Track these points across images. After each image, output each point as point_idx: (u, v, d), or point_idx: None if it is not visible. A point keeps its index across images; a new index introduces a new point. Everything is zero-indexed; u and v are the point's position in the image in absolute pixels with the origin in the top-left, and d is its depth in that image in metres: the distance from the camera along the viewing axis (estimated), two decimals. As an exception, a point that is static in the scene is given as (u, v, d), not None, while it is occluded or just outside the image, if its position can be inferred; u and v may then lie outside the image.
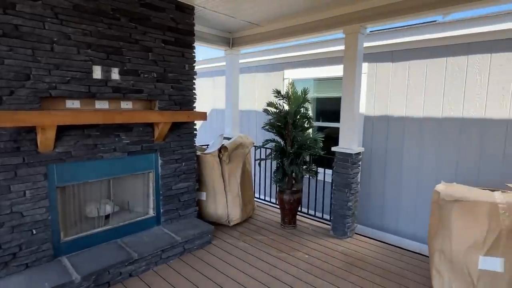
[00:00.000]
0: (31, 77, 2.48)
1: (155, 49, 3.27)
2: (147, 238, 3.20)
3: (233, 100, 5.07)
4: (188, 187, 3.75)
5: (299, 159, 3.79)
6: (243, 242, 3.61)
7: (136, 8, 3.07)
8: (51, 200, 2.67)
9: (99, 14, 2.82)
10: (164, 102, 3.39)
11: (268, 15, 3.88)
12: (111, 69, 2.95)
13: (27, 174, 2.52)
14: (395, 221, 4.53)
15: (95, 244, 3.01)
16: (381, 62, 4.44)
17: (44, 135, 2.47)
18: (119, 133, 3.08)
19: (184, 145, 3.65)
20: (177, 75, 3.49)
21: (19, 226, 2.51)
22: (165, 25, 3.32)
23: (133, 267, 2.86)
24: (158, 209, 3.50)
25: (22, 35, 2.42)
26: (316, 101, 5.57)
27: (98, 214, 3.17)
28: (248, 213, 4.28)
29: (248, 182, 4.31)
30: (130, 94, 3.11)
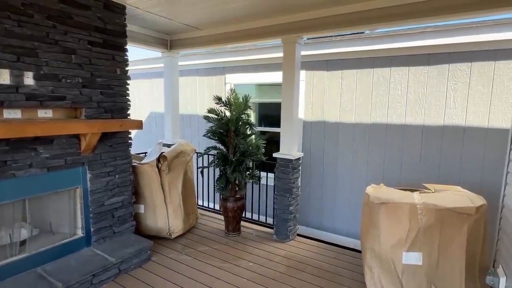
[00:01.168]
0: None
1: (80, 51, 2.93)
2: (74, 263, 2.87)
3: (172, 104, 4.85)
4: (123, 201, 3.46)
5: (241, 166, 3.78)
6: (186, 255, 3.47)
7: (55, 5, 2.71)
8: None
9: (4, 9, 2.41)
10: (92, 110, 3.06)
11: (207, 19, 3.78)
12: (23, 73, 2.56)
13: None
14: (332, 220, 4.82)
15: (9, 275, 2.58)
16: (317, 70, 4.67)
17: None
18: (36, 147, 2.69)
19: (118, 156, 3.36)
20: (107, 80, 3.19)
21: None
22: (91, 24, 3.00)
23: (57, 299, 2.53)
24: (88, 228, 3.16)
25: None
26: (258, 106, 5.63)
27: (11, 241, 2.73)
28: (191, 223, 4.14)
29: (190, 191, 4.16)
30: (49, 102, 2.73)
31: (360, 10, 3.11)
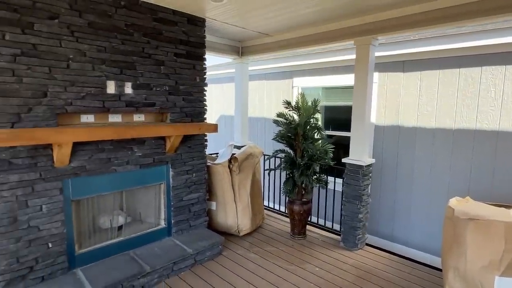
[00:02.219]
0: (47, 94, 2.54)
1: (167, 62, 3.31)
2: (158, 250, 3.24)
3: (242, 108, 5.09)
4: (199, 198, 3.78)
5: (309, 170, 3.78)
6: (254, 254, 3.61)
7: (149, 23, 3.11)
8: (66, 214, 2.73)
9: (113, 30, 2.87)
10: (175, 114, 3.42)
11: (278, 26, 3.89)
12: (124, 83, 3.00)
13: (43, 189, 2.57)
14: (405, 231, 4.48)
15: (108, 255, 3.05)
16: (392, 71, 4.41)
17: (60, 151, 2.52)
18: (132, 146, 3.12)
19: (195, 156, 3.68)
20: (188, 87, 3.52)
21: (36, 240, 2.57)
22: (177, 38, 3.36)
23: (146, 280, 2.90)
24: (169, 220, 3.53)
25: (40, 53, 2.47)
26: (324, 109, 5.55)
27: (111, 226, 3.22)
28: (258, 223, 4.29)
29: (257, 192, 4.32)
30: (142, 108, 3.15)
31: (444, 7, 2.85)
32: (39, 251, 2.58)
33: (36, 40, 2.45)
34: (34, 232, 2.55)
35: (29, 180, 2.49)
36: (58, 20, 2.55)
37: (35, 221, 2.54)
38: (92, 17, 2.72)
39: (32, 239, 2.54)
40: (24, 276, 2.52)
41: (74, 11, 2.62)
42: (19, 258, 2.48)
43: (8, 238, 2.42)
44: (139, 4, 3.01)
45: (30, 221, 2.52)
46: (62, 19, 2.56)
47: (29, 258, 2.54)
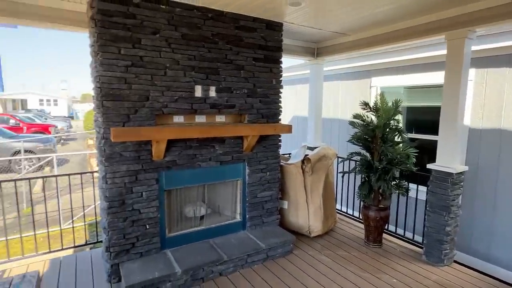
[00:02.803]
0: (149, 98, 2.99)
1: (247, 66, 3.53)
2: (234, 241, 3.48)
3: (316, 110, 5.07)
4: (272, 196, 3.92)
5: (388, 175, 3.57)
6: (325, 256, 3.58)
7: (232, 31, 3.37)
8: (160, 201, 3.16)
9: (201, 40, 3.20)
10: (252, 116, 3.63)
11: (356, 24, 3.77)
12: (209, 87, 3.32)
13: (144, 178, 3.03)
14: (505, 251, 3.84)
15: (191, 241, 3.41)
16: (493, 67, 3.84)
17: (157, 147, 2.94)
18: (214, 145, 3.43)
19: (269, 155, 3.84)
20: (265, 90, 3.69)
21: (137, 221, 3.04)
22: (256, 43, 3.56)
23: (223, 267, 3.16)
24: (244, 214, 3.76)
25: (145, 64, 2.93)
26: (406, 110, 5.13)
27: (194, 215, 3.59)
28: (330, 225, 4.23)
29: (330, 194, 4.25)
30: (224, 109, 3.43)
31: None
32: (139, 231, 3.05)
33: (142, 53, 2.91)
34: (136, 215, 3.03)
35: (134, 170, 2.97)
36: (159, 34, 2.97)
37: (137, 205, 3.02)
38: (185, 29, 3.10)
39: (135, 220, 3.02)
40: (128, 250, 3.02)
41: (171, 26, 3.02)
42: (125, 235, 2.98)
43: (118, 217, 2.93)
44: (224, 15, 3.29)
45: (134, 205, 3.00)
46: (162, 33, 2.98)
47: (132, 236, 3.02)
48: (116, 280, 2.98)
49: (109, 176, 2.84)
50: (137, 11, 2.83)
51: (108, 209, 2.87)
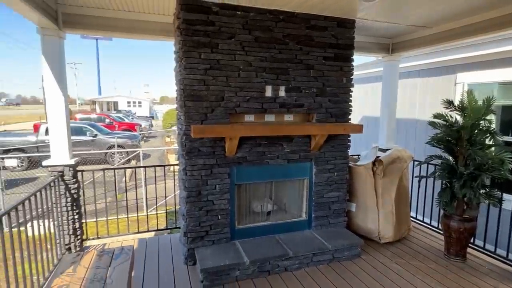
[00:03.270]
0: (224, 98, 3.22)
1: (316, 66, 3.53)
2: (299, 239, 3.52)
3: (389, 110, 4.77)
4: (339, 197, 3.84)
5: (475, 182, 3.18)
6: (397, 265, 3.37)
7: (302, 31, 3.41)
8: (231, 194, 3.38)
9: (272, 42, 3.32)
10: (321, 115, 3.61)
11: (439, 15, 3.45)
12: (279, 87, 3.42)
13: (218, 172, 3.28)
14: None
15: (258, 235, 3.56)
16: None
17: (230, 143, 3.16)
18: (282, 143, 3.52)
19: (337, 156, 3.77)
20: (335, 89, 3.64)
21: (211, 211, 3.31)
22: (327, 42, 3.53)
23: (288, 263, 3.22)
24: (310, 214, 3.76)
25: (221, 66, 3.17)
26: (501, 110, 4.47)
27: (261, 210, 3.74)
28: (402, 233, 3.95)
29: (404, 199, 3.97)
30: (293, 109, 3.49)
31: None
32: (212, 220, 3.32)
33: (219, 56, 3.16)
34: (210, 205, 3.30)
35: (209, 164, 3.24)
36: (234, 38, 3.19)
37: (211, 196, 3.29)
38: (257, 32, 3.25)
39: (209, 210, 3.30)
40: (202, 237, 3.31)
41: (245, 30, 3.20)
42: (200, 223, 3.27)
43: (195, 206, 3.23)
44: (295, 16, 3.35)
45: (208, 196, 3.28)
46: (237, 37, 3.19)
47: (206, 224, 3.30)
48: (192, 263, 3.30)
49: (188, 169, 3.16)
50: (216, 19, 3.09)
51: (187, 198, 3.19)
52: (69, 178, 3.41)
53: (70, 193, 3.43)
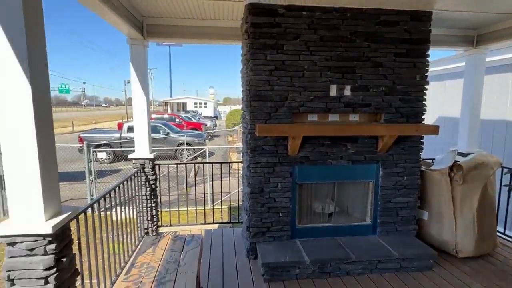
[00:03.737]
0: (288, 98, 3.27)
1: (386, 63, 3.35)
2: (362, 244, 3.38)
3: (472, 109, 4.26)
4: (408, 203, 3.57)
5: None
6: (480, 284, 2.99)
7: (371, 28, 3.27)
8: (292, 193, 3.41)
9: (338, 40, 3.26)
10: (390, 115, 3.41)
11: (542, -1, 2.96)
12: (344, 86, 3.34)
13: (280, 170, 3.35)
14: None
15: (319, 236, 3.53)
16: None
17: (293, 142, 3.20)
18: (346, 143, 3.42)
19: (408, 158, 3.51)
20: (406, 87, 3.40)
21: (272, 208, 3.40)
22: (398, 38, 3.32)
23: (350, 267, 3.13)
24: (375, 218, 3.58)
25: (286, 67, 3.23)
26: None
27: (323, 211, 3.69)
28: (486, 249, 3.49)
29: (489, 211, 3.50)
30: (358, 108, 3.37)
31: None
32: (273, 217, 3.40)
33: (284, 57, 3.22)
34: (272, 202, 3.39)
35: (272, 163, 3.33)
36: (299, 39, 3.21)
37: (273, 194, 3.37)
38: (323, 31, 3.23)
39: (270, 207, 3.39)
40: (264, 233, 3.41)
41: (311, 30, 3.21)
42: (262, 219, 3.38)
43: (257, 202, 3.36)
44: (363, 12, 3.23)
45: (270, 193, 3.37)
46: (302, 37, 3.21)
47: (268, 221, 3.40)
48: (253, 257, 3.43)
49: (252, 166, 3.30)
50: (282, 20, 3.15)
51: (250, 194, 3.33)
52: (149, 170, 3.85)
53: (149, 183, 3.87)
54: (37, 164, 1.54)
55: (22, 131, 1.50)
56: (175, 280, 2.06)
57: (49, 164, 1.63)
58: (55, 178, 1.70)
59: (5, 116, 1.49)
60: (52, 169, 1.65)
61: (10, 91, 1.48)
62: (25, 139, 1.51)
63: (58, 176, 1.74)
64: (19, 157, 1.53)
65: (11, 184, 1.55)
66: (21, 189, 1.55)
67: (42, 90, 1.56)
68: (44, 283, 1.58)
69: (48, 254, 1.58)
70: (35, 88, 1.50)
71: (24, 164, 1.53)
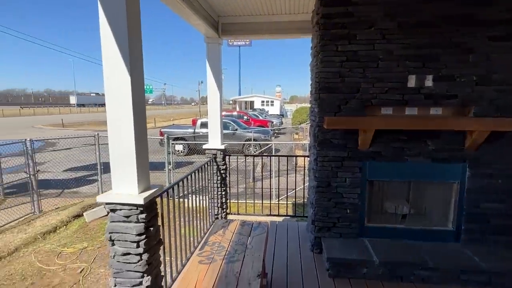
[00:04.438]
0: (359, 90, 3.13)
1: (478, 48, 2.95)
2: (442, 251, 3.05)
3: None
4: (503, 210, 3.09)
5: None
6: None
7: (459, 10, 2.92)
8: (361, 190, 3.27)
9: (420, 26, 2.98)
10: (481, 107, 3.00)
11: None
12: (425, 76, 3.04)
13: (349, 165, 3.24)
14: None
15: (390, 237, 3.30)
16: None
17: (364, 136, 3.06)
18: (426, 139, 3.12)
19: (504, 159, 3.03)
20: (504, 76, 2.94)
21: (339, 204, 3.31)
22: (495, 19, 2.89)
23: (427, 274, 2.86)
24: (459, 224, 3.19)
25: (358, 57, 3.10)
26: None
27: (395, 212, 3.44)
28: None
29: None
30: (441, 100, 3.05)
31: None
32: (340, 213, 3.31)
33: (357, 47, 3.09)
34: (339, 198, 3.30)
35: (340, 157, 3.24)
36: (374, 27, 3.04)
37: (340, 189, 3.28)
38: (401, 18, 2.99)
39: (337, 202, 3.31)
40: (329, 228, 3.35)
41: (387, 17, 3.01)
42: (328, 214, 3.32)
43: (324, 196, 3.31)
44: (451, -8, 2.90)
45: (338, 188, 3.29)
46: (377, 25, 3.03)
47: (334, 216, 3.33)
48: (318, 251, 3.40)
49: (319, 159, 3.26)
50: (355, 9, 3.03)
51: (317, 187, 3.30)
52: (220, 160, 4.12)
53: (220, 172, 4.14)
54: (133, 147, 1.82)
55: (124, 118, 1.79)
56: (243, 261, 2.19)
57: (142, 147, 1.90)
58: (146, 159, 1.97)
59: (117, 105, 1.79)
60: (144, 152, 1.92)
61: (119, 84, 1.77)
62: (126, 126, 1.79)
63: (148, 157, 2.01)
64: (121, 142, 1.83)
65: (114, 163, 1.86)
66: (121, 167, 1.85)
67: (138, 83, 1.83)
68: (136, 246, 1.84)
69: (139, 222, 1.84)
70: (133, 79, 1.77)
71: (124, 148, 1.83)
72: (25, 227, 5.77)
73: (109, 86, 1.78)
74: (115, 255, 1.87)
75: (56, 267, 4.41)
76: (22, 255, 4.79)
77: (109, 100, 1.79)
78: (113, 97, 1.79)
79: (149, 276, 1.90)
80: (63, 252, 4.86)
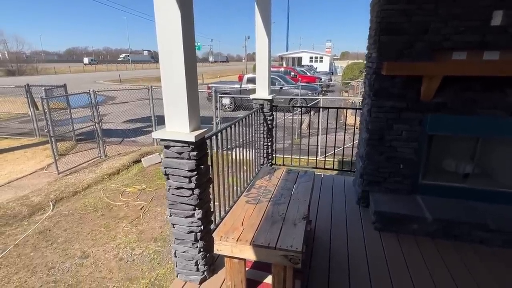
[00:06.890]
0: (428, 31, 2.73)
1: None
2: (508, 215, 2.77)
3: None
4: None
5: None
6: None
7: None
8: (419, 144, 3.01)
9: None
10: None
11: None
12: (516, 11, 2.52)
13: (407, 117, 2.97)
14: None
15: (447, 196, 3.07)
16: None
17: (428, 85, 2.72)
18: (506, 89, 2.69)
19: None
20: None
21: (392, 158, 3.11)
22: None
23: (487, 236, 2.65)
24: (533, 187, 2.83)
25: (431, -9, 2.65)
26: None
27: (456, 170, 3.15)
28: None
29: None
30: (534, 41, 2.53)
31: None
32: (392, 168, 3.13)
33: (431, -22, 2.63)
34: (392, 152, 3.09)
35: (398, 108, 2.97)
36: (456, -49, 2.53)
37: (395, 142, 3.06)
38: None
39: (389, 157, 3.11)
40: (379, 183, 3.21)
41: None
42: (379, 168, 3.16)
43: (375, 150, 3.13)
44: None
45: (392, 142, 3.07)
46: None
47: (385, 171, 3.16)
48: (364, 205, 3.32)
49: (374, 110, 3.03)
50: None
51: (368, 140, 3.12)
52: (267, 110, 4.06)
53: (267, 123, 4.11)
54: (184, 84, 1.83)
55: (174, 49, 1.78)
56: (289, 203, 2.21)
57: (192, 87, 1.91)
58: (196, 101, 1.99)
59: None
60: (194, 94, 1.94)
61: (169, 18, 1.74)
62: (177, 57, 1.79)
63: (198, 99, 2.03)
64: (172, 75, 1.84)
65: (168, 104, 1.91)
66: (174, 107, 1.90)
67: (187, 16, 1.78)
68: (188, 181, 1.95)
69: (191, 159, 1.92)
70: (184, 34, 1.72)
71: (175, 84, 1.85)
72: (94, 168, 6.53)
73: (159, 18, 1.75)
74: (170, 188, 2.00)
75: (120, 203, 5.00)
76: (93, 191, 5.49)
77: (160, 32, 1.78)
78: (164, 29, 1.76)
79: (200, 209, 2.02)
80: (126, 191, 5.45)
